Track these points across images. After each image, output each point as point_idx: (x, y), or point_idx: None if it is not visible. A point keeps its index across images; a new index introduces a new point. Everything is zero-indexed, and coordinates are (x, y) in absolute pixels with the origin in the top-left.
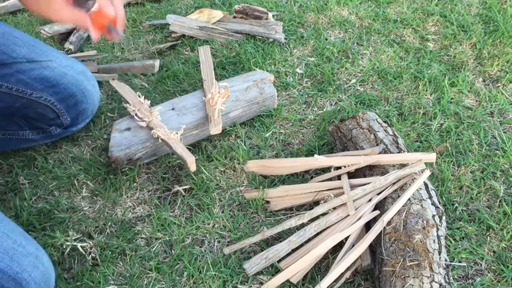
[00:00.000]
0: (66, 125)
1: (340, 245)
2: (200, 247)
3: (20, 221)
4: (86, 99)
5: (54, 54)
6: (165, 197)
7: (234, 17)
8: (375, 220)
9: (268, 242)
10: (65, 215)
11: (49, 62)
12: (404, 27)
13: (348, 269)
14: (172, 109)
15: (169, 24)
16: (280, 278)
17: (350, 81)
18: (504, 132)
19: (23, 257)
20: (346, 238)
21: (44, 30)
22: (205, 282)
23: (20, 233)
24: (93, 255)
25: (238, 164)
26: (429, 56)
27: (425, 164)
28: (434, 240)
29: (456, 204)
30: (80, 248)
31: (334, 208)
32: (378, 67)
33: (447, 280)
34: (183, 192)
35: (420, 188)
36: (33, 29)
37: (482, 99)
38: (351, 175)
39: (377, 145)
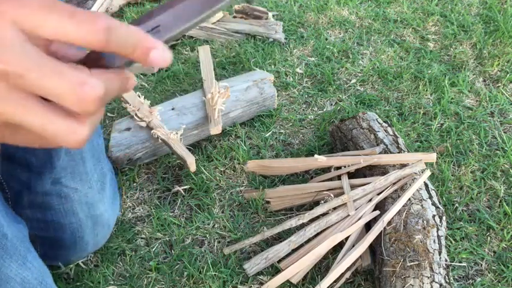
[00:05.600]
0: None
1: (340, 245)
2: (200, 247)
3: None
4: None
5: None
6: (165, 197)
7: (234, 17)
8: (375, 220)
9: (268, 242)
10: None
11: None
12: (405, 27)
13: (348, 269)
14: (172, 109)
15: None
16: (280, 278)
17: (350, 81)
18: (504, 132)
19: None
20: (346, 238)
21: None
22: (205, 282)
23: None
24: (93, 255)
25: (238, 164)
26: (429, 56)
27: (426, 164)
28: (434, 241)
29: (456, 204)
30: None
31: (334, 208)
32: (378, 67)
33: (447, 280)
34: (183, 192)
35: (420, 188)
36: None
37: (482, 99)
38: (351, 175)
39: (377, 145)
